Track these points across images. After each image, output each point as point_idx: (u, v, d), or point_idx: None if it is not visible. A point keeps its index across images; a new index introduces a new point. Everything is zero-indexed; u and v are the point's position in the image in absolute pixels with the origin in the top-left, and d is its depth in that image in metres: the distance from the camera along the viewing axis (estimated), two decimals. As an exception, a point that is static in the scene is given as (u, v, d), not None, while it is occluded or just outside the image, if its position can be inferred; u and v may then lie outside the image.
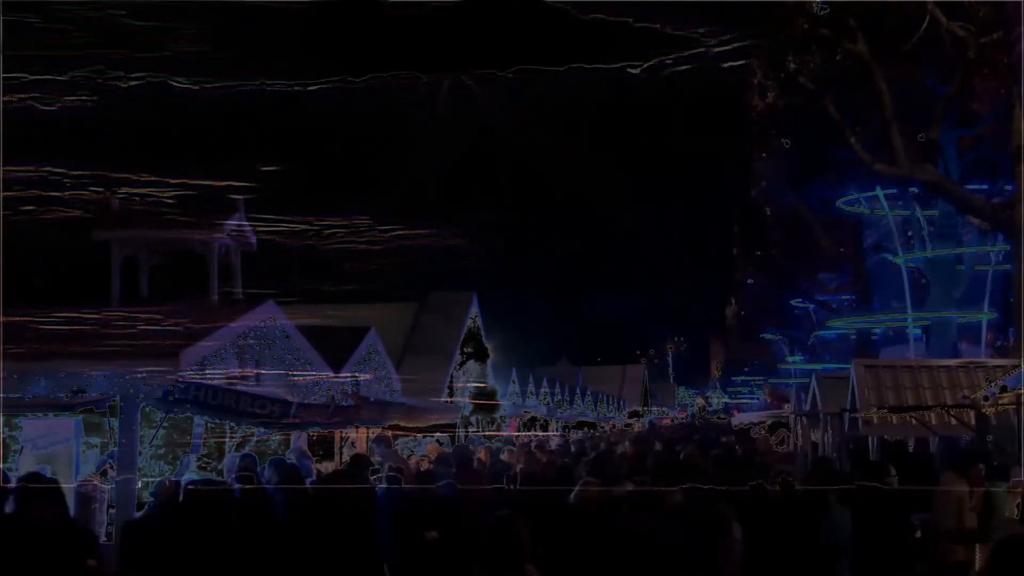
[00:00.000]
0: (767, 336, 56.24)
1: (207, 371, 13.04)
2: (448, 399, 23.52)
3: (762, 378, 71.01)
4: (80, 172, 12.77)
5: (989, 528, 8.61)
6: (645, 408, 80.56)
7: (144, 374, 10.11)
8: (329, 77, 11.85)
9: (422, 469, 12.75)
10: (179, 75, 11.01)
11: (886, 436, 15.51)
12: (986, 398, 10.43)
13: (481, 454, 14.84)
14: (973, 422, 11.98)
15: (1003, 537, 4.81)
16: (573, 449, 19.44)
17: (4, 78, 10.18)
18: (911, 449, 16.52)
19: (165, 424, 10.91)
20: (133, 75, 10.80)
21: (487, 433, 24.29)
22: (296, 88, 11.83)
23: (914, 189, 26.61)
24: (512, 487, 11.27)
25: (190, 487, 8.25)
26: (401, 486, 10.10)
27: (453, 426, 20.12)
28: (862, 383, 14.66)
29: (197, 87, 11.18)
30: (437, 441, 16.75)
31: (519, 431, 28.19)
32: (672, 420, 66.87)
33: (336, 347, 17.88)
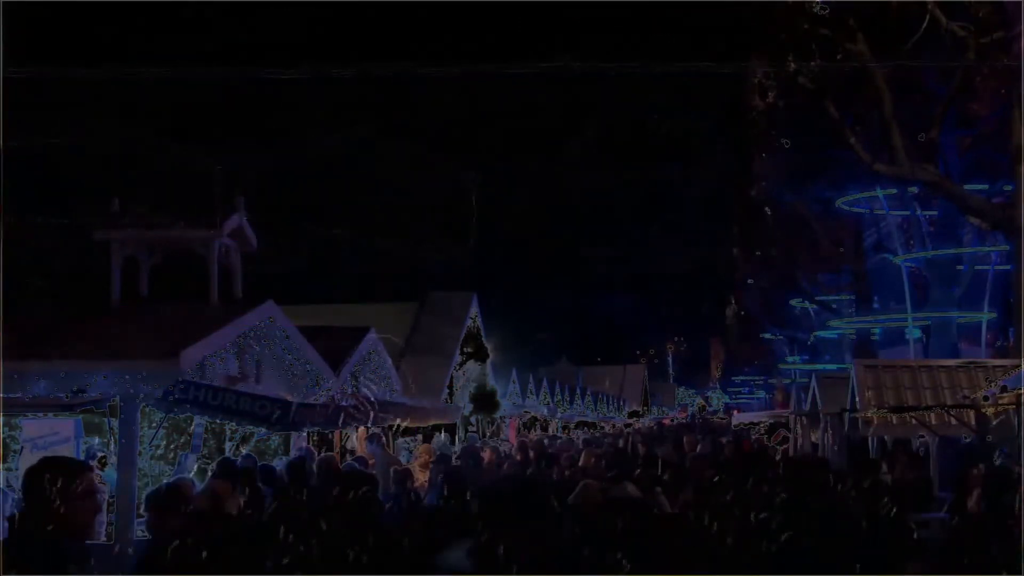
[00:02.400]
0: (767, 336, 56.18)
1: (207, 371, 13.02)
2: (448, 399, 23.50)
3: (762, 378, 70.94)
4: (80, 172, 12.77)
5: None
6: (645, 408, 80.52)
7: (144, 374, 10.10)
8: (327, 74, 11.87)
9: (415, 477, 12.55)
10: (182, 71, 11.02)
11: (886, 436, 15.51)
12: (986, 398, 10.45)
13: (486, 454, 14.83)
14: (973, 422, 11.98)
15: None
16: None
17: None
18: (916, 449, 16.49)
19: (165, 424, 10.92)
20: (135, 73, 10.82)
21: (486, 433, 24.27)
22: (293, 84, 11.84)
23: (914, 189, 26.61)
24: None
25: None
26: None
27: (453, 426, 20.12)
28: (862, 383, 14.66)
29: (201, 82, 11.18)
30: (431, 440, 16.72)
31: (519, 431, 28.19)
32: (672, 420, 66.73)
33: (336, 347, 17.84)
